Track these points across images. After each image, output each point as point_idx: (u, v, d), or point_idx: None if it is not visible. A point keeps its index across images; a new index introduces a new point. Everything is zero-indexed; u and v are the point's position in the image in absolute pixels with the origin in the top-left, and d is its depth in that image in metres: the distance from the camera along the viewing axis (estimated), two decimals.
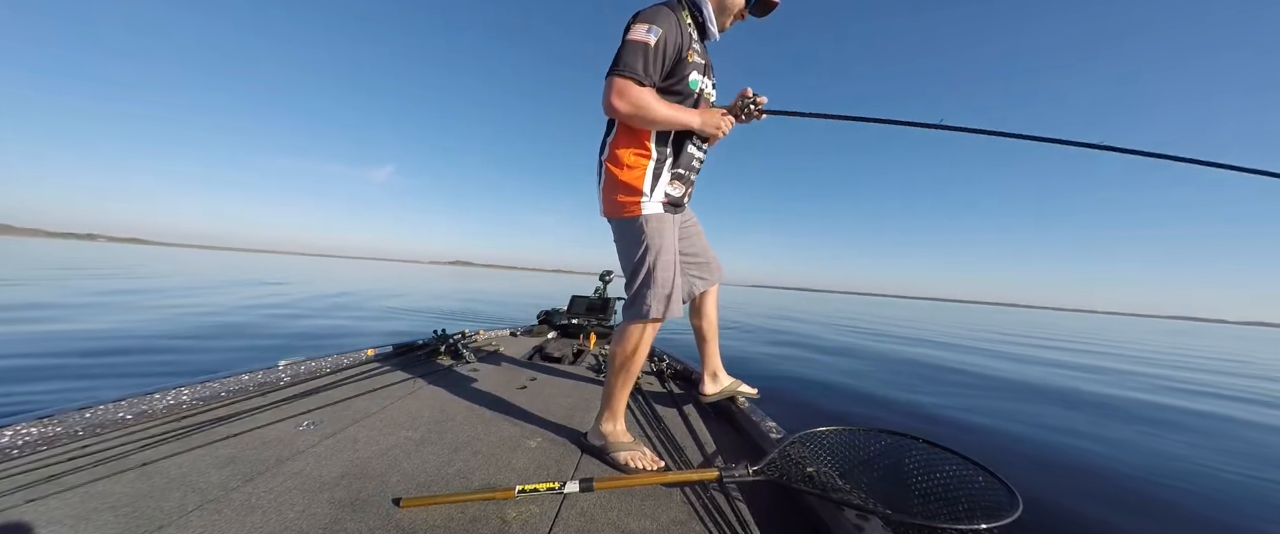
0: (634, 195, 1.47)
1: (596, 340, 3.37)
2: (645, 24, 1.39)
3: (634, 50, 1.38)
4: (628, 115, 1.41)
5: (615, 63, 1.38)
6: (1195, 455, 3.07)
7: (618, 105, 1.37)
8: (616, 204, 1.50)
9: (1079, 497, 2.36)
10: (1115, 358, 10.12)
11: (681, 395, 2.24)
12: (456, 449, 1.50)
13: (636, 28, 1.39)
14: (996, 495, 1.17)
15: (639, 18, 1.41)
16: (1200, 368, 9.15)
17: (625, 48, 1.38)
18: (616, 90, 1.37)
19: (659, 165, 1.49)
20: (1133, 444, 3.28)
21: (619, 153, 1.48)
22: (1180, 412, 4.59)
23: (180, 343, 5.03)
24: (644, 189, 1.47)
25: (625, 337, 1.49)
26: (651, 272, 1.47)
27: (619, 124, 1.48)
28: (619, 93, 1.36)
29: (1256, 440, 3.66)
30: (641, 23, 1.39)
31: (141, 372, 3.76)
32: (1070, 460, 2.86)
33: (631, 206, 1.48)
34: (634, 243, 1.49)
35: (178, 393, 1.72)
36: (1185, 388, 6.30)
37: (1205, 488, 2.55)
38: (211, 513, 1.08)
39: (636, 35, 1.38)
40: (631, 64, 1.37)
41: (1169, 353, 13.02)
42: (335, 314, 8.60)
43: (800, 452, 1.41)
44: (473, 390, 2.15)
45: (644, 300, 1.47)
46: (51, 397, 2.97)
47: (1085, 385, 5.84)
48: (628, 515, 1.16)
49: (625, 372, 1.50)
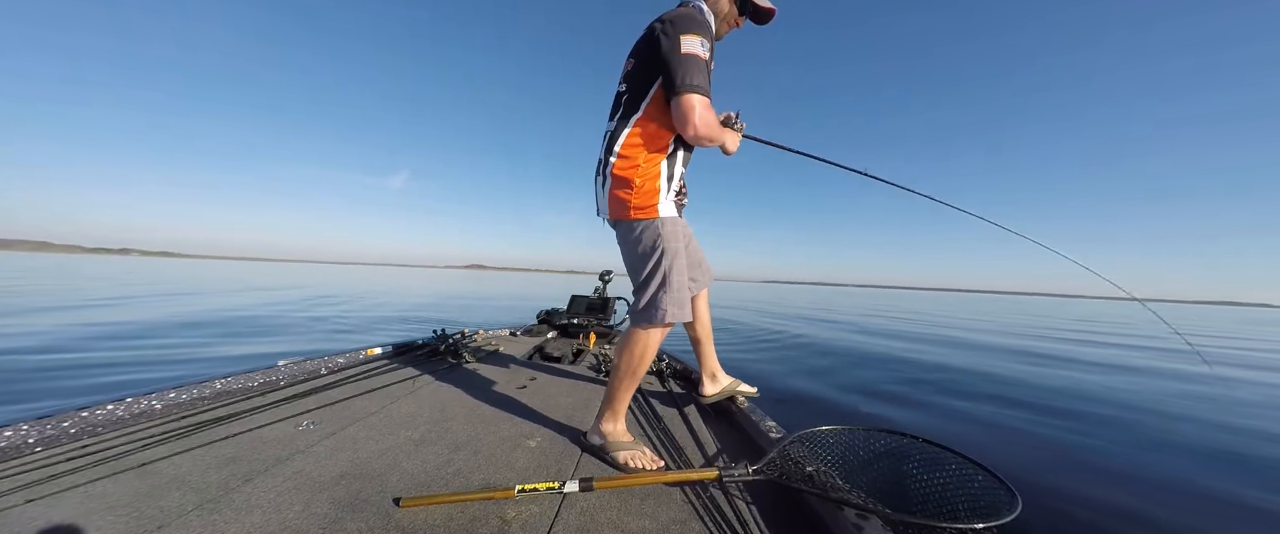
0: (650, 198, 1.44)
1: (596, 340, 3.37)
2: (697, 36, 1.34)
3: (697, 67, 1.33)
4: (705, 137, 1.38)
5: (684, 80, 1.31)
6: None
7: (700, 127, 1.33)
8: (630, 206, 1.44)
9: (1079, 496, 2.36)
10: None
11: (681, 395, 2.24)
12: (456, 449, 1.50)
13: (690, 40, 1.33)
14: (996, 495, 1.17)
15: (687, 29, 1.35)
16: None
17: (688, 63, 1.32)
18: (700, 111, 1.32)
19: (671, 168, 1.47)
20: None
21: (634, 154, 1.43)
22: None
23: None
24: (660, 191, 1.45)
25: (634, 341, 1.46)
26: (668, 275, 1.44)
27: (635, 126, 1.43)
28: (702, 114, 1.33)
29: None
30: (693, 35, 1.34)
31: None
32: (1071, 459, 2.87)
33: (648, 210, 1.44)
34: (650, 246, 1.45)
35: (177, 393, 1.72)
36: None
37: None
38: (211, 513, 1.08)
39: (692, 49, 1.33)
40: (701, 83, 1.33)
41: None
42: (392, 326, 8.51)
43: (800, 451, 1.41)
44: (473, 390, 2.15)
45: (659, 305, 1.43)
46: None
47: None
48: (627, 515, 1.16)
49: (632, 375, 1.48)
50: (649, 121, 1.42)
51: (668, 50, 1.33)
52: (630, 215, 1.45)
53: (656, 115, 1.41)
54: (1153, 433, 3.45)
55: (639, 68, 1.42)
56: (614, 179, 1.46)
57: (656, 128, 1.43)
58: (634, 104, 1.43)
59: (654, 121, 1.42)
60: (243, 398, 1.85)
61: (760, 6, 1.58)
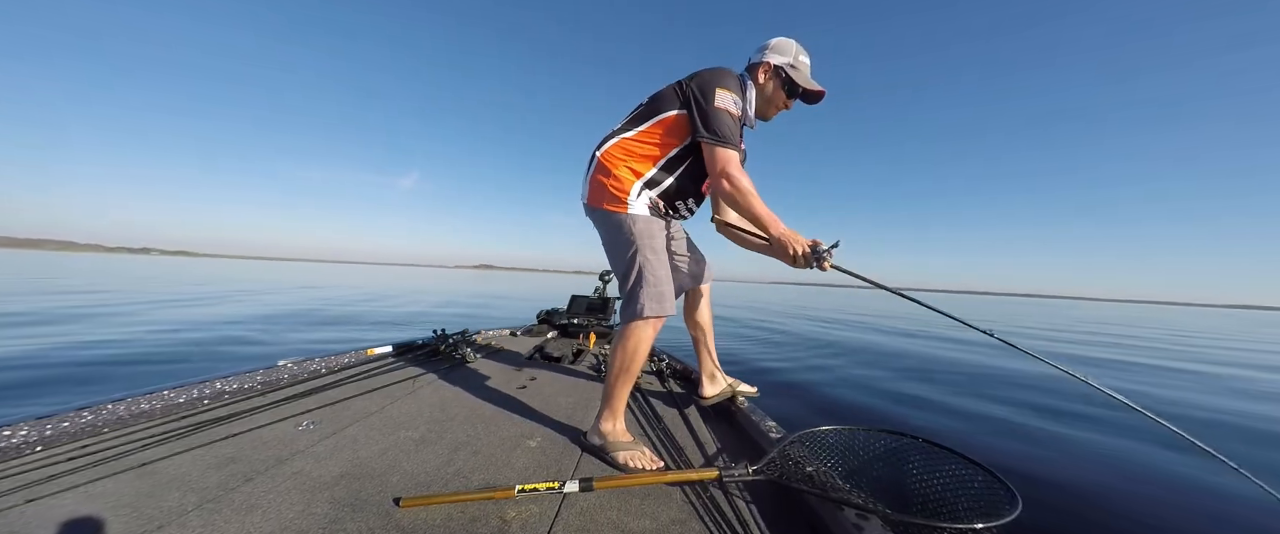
0: (624, 193, 1.51)
1: (596, 340, 3.37)
2: (731, 93, 1.41)
3: (729, 122, 1.40)
4: (731, 194, 1.43)
5: (716, 130, 1.39)
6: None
7: (728, 184, 1.41)
8: (605, 194, 1.52)
9: (1079, 496, 2.36)
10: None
11: (681, 395, 2.24)
12: (456, 449, 1.50)
13: (723, 96, 1.40)
14: (996, 495, 1.17)
15: (723, 83, 1.42)
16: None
17: (721, 118, 1.39)
18: (733, 165, 1.41)
19: (652, 183, 1.53)
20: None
21: (626, 152, 1.52)
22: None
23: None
24: (635, 190, 1.51)
25: (625, 337, 1.50)
26: (643, 270, 1.49)
27: (637, 133, 1.51)
28: (734, 169, 1.41)
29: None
30: (727, 91, 1.41)
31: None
32: (1072, 460, 2.86)
33: (619, 204, 1.51)
34: (623, 242, 1.51)
35: (177, 393, 1.72)
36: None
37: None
38: (211, 513, 1.08)
39: (725, 104, 1.40)
40: (733, 137, 1.40)
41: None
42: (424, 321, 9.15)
43: (800, 451, 1.41)
44: (473, 390, 2.15)
45: (638, 299, 1.48)
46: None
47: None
48: (627, 515, 1.16)
49: (626, 373, 1.50)
50: (650, 136, 1.51)
51: (700, 95, 1.42)
52: (604, 205, 1.53)
53: (659, 134, 1.51)
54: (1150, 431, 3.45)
55: (664, 94, 1.51)
56: (599, 165, 1.54)
57: (654, 143, 1.51)
58: (644, 118, 1.52)
59: (654, 138, 1.51)
60: (243, 398, 1.85)
61: (810, 90, 1.62)
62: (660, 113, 1.49)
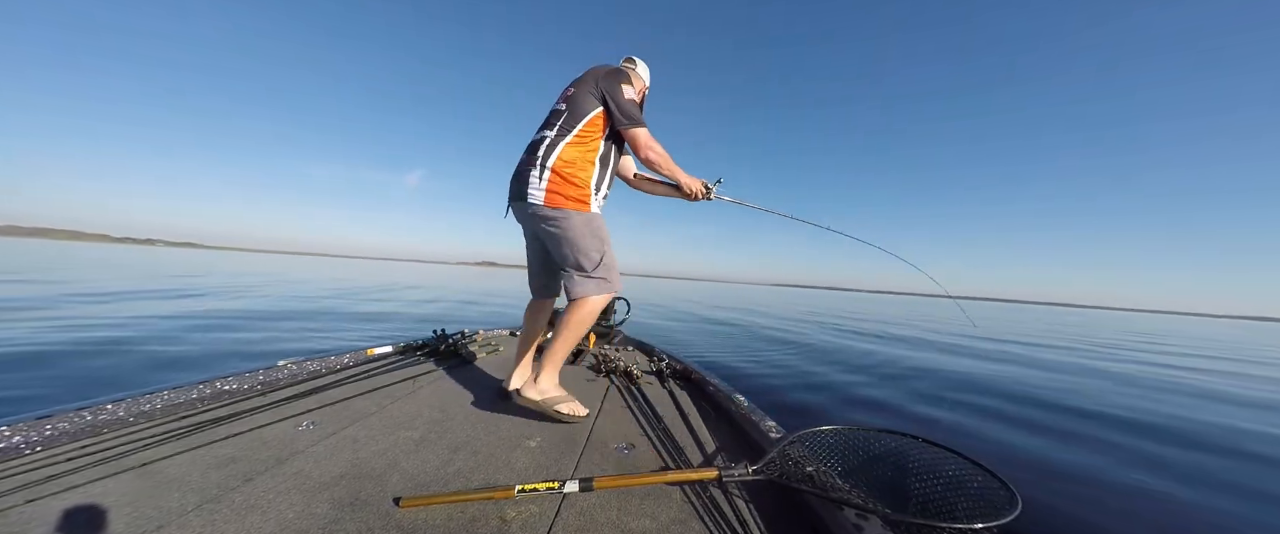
0: (585, 194, 1.72)
1: (596, 340, 3.37)
2: (630, 87, 1.77)
3: (637, 106, 1.78)
4: (656, 161, 1.79)
5: (632, 116, 1.74)
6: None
7: (653, 154, 1.77)
8: (566, 199, 1.70)
9: (1079, 496, 2.36)
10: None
11: (681, 395, 2.24)
12: (456, 449, 1.50)
13: (628, 88, 1.76)
14: (996, 495, 1.17)
15: (623, 79, 1.77)
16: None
17: (633, 106, 1.76)
18: (651, 139, 1.77)
19: (599, 177, 1.78)
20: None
21: (572, 158, 1.71)
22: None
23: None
24: (592, 190, 1.75)
25: (586, 304, 1.70)
26: (610, 256, 1.77)
27: (574, 138, 1.72)
28: (653, 141, 1.77)
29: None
30: (627, 83, 1.77)
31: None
32: (1073, 462, 2.86)
33: (583, 204, 1.72)
34: (591, 236, 1.73)
35: (177, 393, 1.72)
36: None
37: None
38: (211, 513, 1.08)
39: (631, 94, 1.77)
40: (642, 118, 1.78)
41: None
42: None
43: (800, 451, 1.41)
44: (473, 390, 2.15)
45: (604, 279, 1.73)
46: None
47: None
48: (627, 515, 1.16)
49: (574, 335, 1.72)
50: (584, 138, 1.74)
51: (613, 94, 1.74)
52: (567, 205, 1.71)
53: (590, 134, 1.75)
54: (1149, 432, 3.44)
55: (579, 96, 1.75)
56: (552, 175, 1.71)
57: (591, 139, 1.76)
58: (572, 121, 1.73)
59: (588, 138, 1.75)
60: (243, 398, 1.85)
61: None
62: (587, 113, 1.73)
